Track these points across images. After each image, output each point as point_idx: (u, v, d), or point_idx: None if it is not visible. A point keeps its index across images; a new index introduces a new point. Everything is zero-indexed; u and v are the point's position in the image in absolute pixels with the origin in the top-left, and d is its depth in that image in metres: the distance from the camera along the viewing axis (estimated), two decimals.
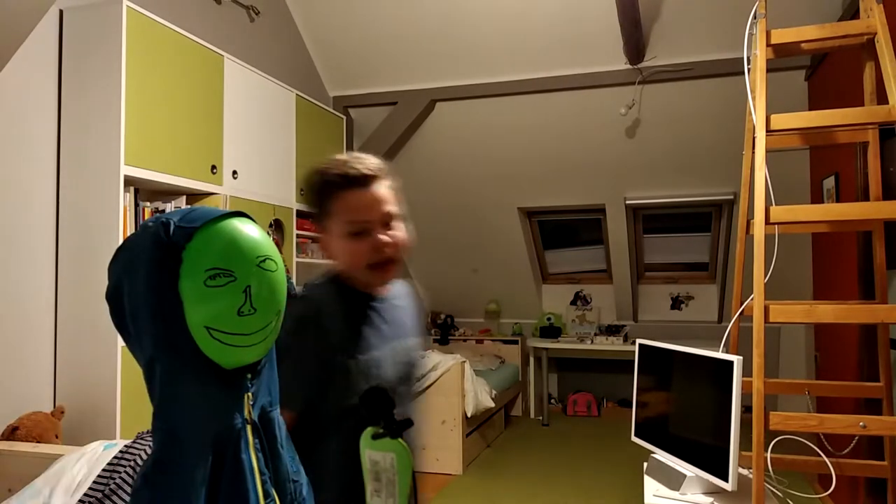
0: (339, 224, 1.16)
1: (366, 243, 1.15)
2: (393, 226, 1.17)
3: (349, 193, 1.15)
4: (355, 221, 1.15)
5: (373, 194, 1.15)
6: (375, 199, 1.15)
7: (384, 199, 1.16)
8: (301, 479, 1.17)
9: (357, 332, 1.21)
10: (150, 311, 0.97)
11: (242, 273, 0.98)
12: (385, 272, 1.19)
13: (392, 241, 1.16)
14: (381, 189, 1.16)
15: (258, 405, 1.09)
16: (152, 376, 0.99)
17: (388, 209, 1.16)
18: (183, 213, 1.02)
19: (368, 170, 1.16)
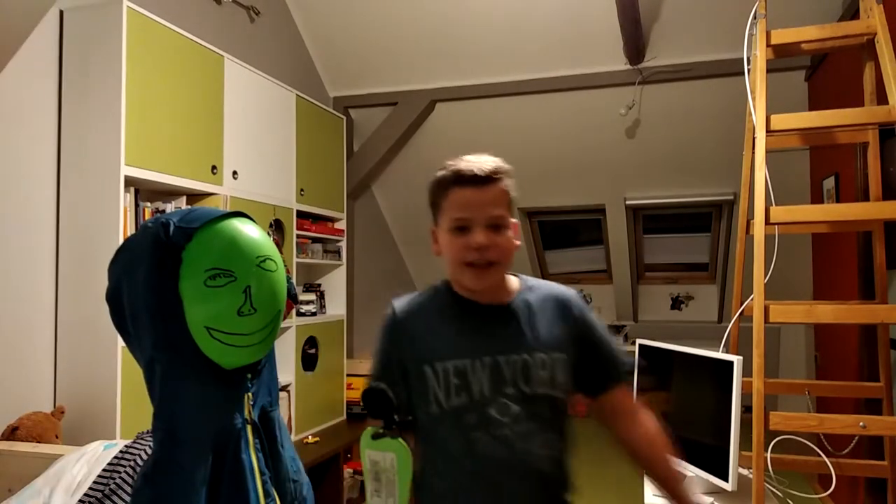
0: (445, 220, 1.20)
1: (462, 240, 1.16)
2: (496, 229, 1.16)
3: (458, 190, 1.17)
4: (457, 218, 1.17)
5: (480, 194, 1.16)
6: (482, 199, 1.16)
7: (491, 202, 1.16)
8: (301, 478, 1.17)
9: (443, 338, 1.20)
10: (150, 312, 0.97)
11: (242, 273, 0.98)
12: (480, 274, 1.16)
13: (487, 243, 1.14)
14: (490, 191, 1.17)
15: (258, 405, 1.09)
16: (152, 376, 0.99)
17: (493, 212, 1.16)
18: (183, 214, 1.02)
19: (481, 170, 1.17)
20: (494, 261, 1.15)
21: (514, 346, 1.18)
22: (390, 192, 5.34)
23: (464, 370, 1.16)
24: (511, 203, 1.19)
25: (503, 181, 1.19)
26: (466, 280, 1.18)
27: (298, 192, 3.48)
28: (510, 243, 1.18)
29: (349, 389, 4.04)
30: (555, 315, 1.23)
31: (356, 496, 3.76)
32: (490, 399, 1.15)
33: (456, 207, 1.17)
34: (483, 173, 1.17)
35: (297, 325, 3.44)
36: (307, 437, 3.51)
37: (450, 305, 1.23)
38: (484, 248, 1.14)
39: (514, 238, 1.19)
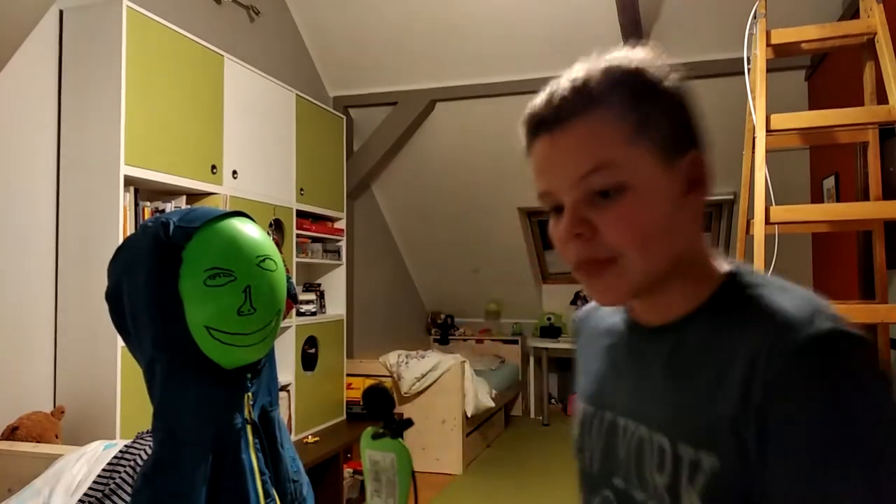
0: None
1: (557, 229, 0.68)
2: (604, 198, 0.64)
3: (533, 144, 0.71)
4: (539, 193, 0.71)
5: (559, 143, 0.66)
6: (561, 151, 0.66)
7: (577, 152, 0.65)
8: (301, 479, 1.17)
9: (588, 362, 0.84)
10: (149, 311, 0.97)
11: (242, 273, 0.98)
12: (593, 284, 0.67)
13: (576, 230, 0.65)
14: (573, 135, 0.65)
15: (258, 405, 1.09)
16: (152, 376, 0.99)
17: (582, 169, 0.64)
18: (183, 213, 1.02)
19: (552, 102, 0.68)
20: (606, 256, 0.65)
21: (640, 404, 0.70)
22: (390, 192, 5.34)
23: (585, 421, 0.80)
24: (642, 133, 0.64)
25: (602, 106, 0.65)
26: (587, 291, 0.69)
27: (298, 191, 3.48)
28: (643, 214, 0.63)
29: (349, 389, 4.04)
30: (733, 370, 0.59)
31: (356, 496, 3.76)
32: (598, 481, 0.75)
33: (535, 173, 0.71)
34: (554, 106, 0.68)
35: (297, 325, 3.44)
36: (307, 437, 3.51)
37: (617, 316, 0.80)
38: (580, 235, 0.65)
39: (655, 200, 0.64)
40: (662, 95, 0.67)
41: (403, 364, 4.51)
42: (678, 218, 0.66)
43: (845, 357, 0.55)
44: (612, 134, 0.64)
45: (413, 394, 4.46)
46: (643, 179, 0.64)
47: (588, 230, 0.65)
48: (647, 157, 0.64)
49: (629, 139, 0.64)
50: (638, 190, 0.64)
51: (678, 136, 0.67)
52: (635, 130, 0.64)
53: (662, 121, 0.66)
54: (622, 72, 0.68)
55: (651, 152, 0.64)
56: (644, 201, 0.64)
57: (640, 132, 0.64)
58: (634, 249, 0.64)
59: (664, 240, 0.65)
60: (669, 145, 0.66)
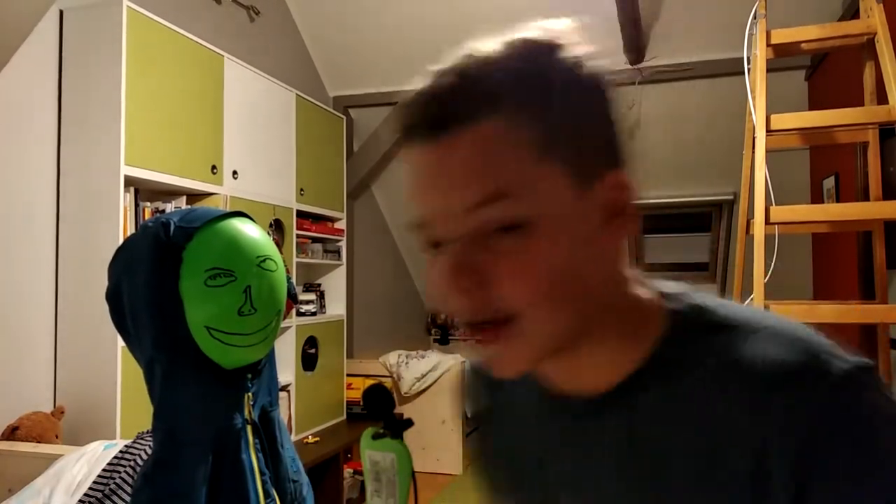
0: None
1: (434, 274, 0.51)
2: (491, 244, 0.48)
3: (408, 150, 0.54)
4: (413, 220, 0.54)
5: (441, 157, 0.50)
6: (442, 169, 0.50)
7: (465, 172, 0.48)
8: (301, 479, 1.17)
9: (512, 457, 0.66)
10: (150, 311, 0.97)
11: (242, 273, 0.98)
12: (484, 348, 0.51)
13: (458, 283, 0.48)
14: (466, 146, 0.48)
15: (258, 405, 1.09)
16: (152, 376, 0.99)
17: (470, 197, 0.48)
18: (183, 214, 1.02)
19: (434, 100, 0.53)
20: (500, 316, 0.49)
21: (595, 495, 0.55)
22: (390, 192, 5.34)
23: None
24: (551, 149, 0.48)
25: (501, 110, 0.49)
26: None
27: (298, 191, 3.48)
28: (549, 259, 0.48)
29: (349, 389, 4.04)
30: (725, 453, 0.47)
31: (356, 496, 3.76)
32: None
33: (409, 192, 0.55)
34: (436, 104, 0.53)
35: (297, 325, 3.44)
36: (307, 437, 3.51)
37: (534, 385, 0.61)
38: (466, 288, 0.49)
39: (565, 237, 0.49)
40: (580, 95, 0.51)
41: (403, 364, 4.51)
42: (594, 256, 0.50)
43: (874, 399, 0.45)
44: (514, 150, 0.47)
45: (413, 394, 4.46)
46: (549, 212, 0.47)
47: (476, 282, 0.48)
48: (556, 181, 0.48)
49: (534, 158, 0.47)
50: (542, 227, 0.47)
51: (597, 150, 0.50)
52: (543, 145, 0.48)
53: (578, 131, 0.49)
54: (533, 62, 0.52)
55: (561, 174, 0.48)
56: (550, 241, 0.47)
57: (549, 148, 0.48)
58: (539, 306, 0.48)
59: (576, 288, 0.49)
60: (585, 164, 0.49)
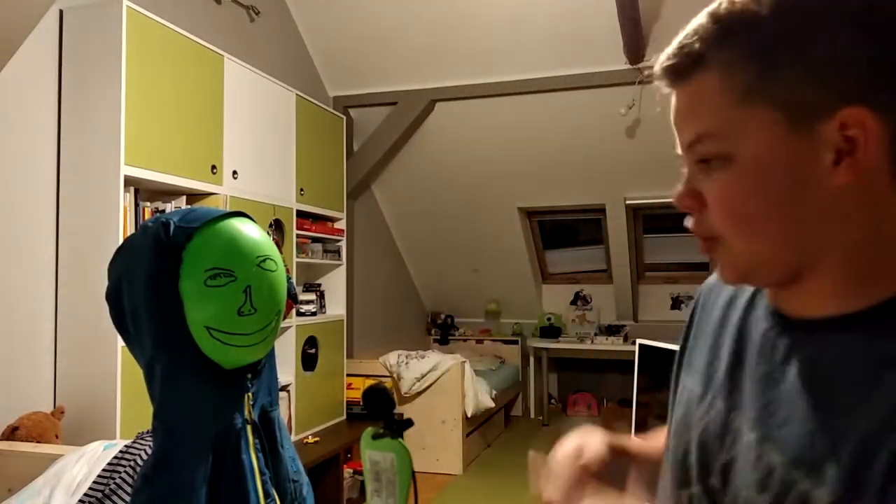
0: None
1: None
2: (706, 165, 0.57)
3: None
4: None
5: (676, 104, 0.60)
6: (676, 114, 0.61)
7: (684, 118, 0.59)
8: (301, 479, 1.17)
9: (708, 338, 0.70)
10: (149, 311, 0.97)
11: (242, 273, 0.98)
12: (714, 261, 0.61)
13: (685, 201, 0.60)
14: (687, 96, 0.58)
15: (258, 405, 1.09)
16: (152, 376, 0.99)
17: (686, 138, 0.59)
18: (183, 214, 1.02)
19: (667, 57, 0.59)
20: (711, 234, 0.59)
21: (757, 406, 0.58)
22: (390, 192, 5.34)
23: (690, 399, 0.69)
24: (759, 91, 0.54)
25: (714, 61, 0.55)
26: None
27: (298, 191, 3.48)
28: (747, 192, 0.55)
29: (349, 389, 4.04)
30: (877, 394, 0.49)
31: (356, 496, 3.76)
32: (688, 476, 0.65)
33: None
34: (672, 59, 0.59)
35: (297, 325, 3.44)
36: (307, 437, 3.51)
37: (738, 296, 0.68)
38: (689, 207, 0.60)
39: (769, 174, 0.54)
40: (814, 27, 0.52)
41: (403, 364, 4.51)
42: (812, 196, 0.53)
43: None
44: (718, 97, 0.55)
45: (413, 394, 4.46)
46: (755, 149, 0.54)
47: (696, 204, 0.59)
48: (767, 120, 0.53)
49: (741, 101, 0.54)
50: (745, 163, 0.54)
51: (826, 86, 0.52)
52: (751, 89, 0.54)
53: (800, 68, 0.52)
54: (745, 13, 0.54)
55: (773, 115, 0.53)
56: (750, 176, 0.54)
57: (759, 90, 0.53)
58: (730, 232, 0.57)
59: (783, 223, 0.54)
60: (806, 103, 0.52)
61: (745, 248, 0.57)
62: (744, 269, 0.59)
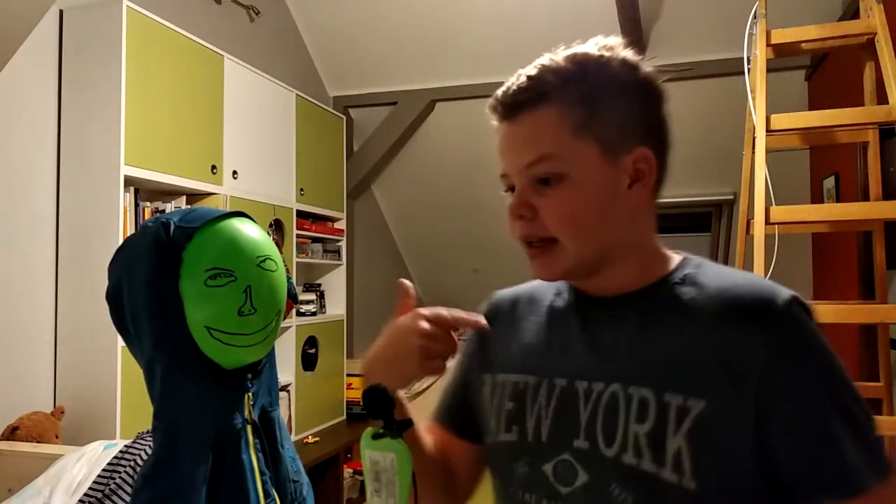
0: None
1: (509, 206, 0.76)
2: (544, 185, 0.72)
3: (498, 127, 0.79)
4: (501, 173, 0.78)
5: (512, 132, 0.75)
6: (513, 139, 0.75)
7: (524, 143, 0.73)
8: (301, 479, 1.17)
9: (519, 338, 0.84)
10: (150, 311, 0.97)
11: (243, 273, 0.98)
12: (531, 256, 0.76)
13: (521, 211, 0.74)
14: (527, 125, 0.73)
15: (258, 405, 1.09)
16: (152, 376, 0.99)
17: (527, 158, 0.72)
18: (183, 214, 1.02)
19: (509, 93, 0.76)
20: (545, 236, 0.73)
21: (609, 366, 0.72)
22: (390, 192, 5.34)
23: (522, 392, 0.78)
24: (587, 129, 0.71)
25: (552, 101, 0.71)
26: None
27: (298, 191, 3.48)
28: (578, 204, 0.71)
29: (349, 389, 4.04)
30: (720, 327, 0.67)
31: (356, 496, 3.76)
32: (547, 449, 0.74)
33: (499, 154, 0.79)
34: (510, 99, 0.75)
35: (297, 325, 3.44)
36: (307, 437, 3.51)
37: (557, 295, 0.84)
38: (522, 216, 0.74)
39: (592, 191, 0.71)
40: (618, 92, 0.73)
41: None
42: (619, 208, 0.73)
43: (811, 314, 0.68)
44: (558, 128, 0.71)
45: (413, 394, 4.46)
46: (582, 172, 0.71)
47: (530, 213, 0.73)
48: (590, 151, 0.71)
49: (573, 134, 0.71)
50: (575, 181, 0.71)
51: (626, 132, 0.72)
52: (580, 126, 0.71)
53: (611, 117, 0.72)
54: (581, 67, 0.74)
55: (594, 147, 0.71)
56: (580, 192, 0.71)
57: (586, 128, 0.71)
58: (566, 235, 0.72)
59: (600, 228, 0.73)
60: (614, 141, 0.71)
61: (575, 248, 0.72)
62: (570, 266, 0.74)
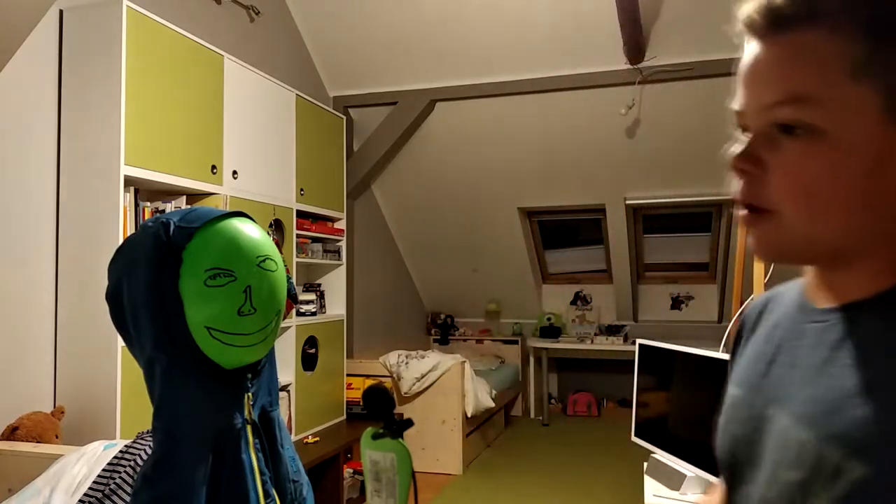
0: None
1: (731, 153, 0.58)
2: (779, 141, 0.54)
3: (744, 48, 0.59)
4: (734, 109, 0.59)
5: (763, 55, 0.55)
6: (761, 65, 0.55)
7: (775, 73, 0.54)
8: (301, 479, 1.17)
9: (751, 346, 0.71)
10: (150, 311, 0.97)
11: (242, 273, 0.98)
12: (746, 226, 0.58)
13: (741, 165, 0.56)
14: (785, 49, 0.53)
15: (258, 405, 1.09)
16: (152, 376, 0.99)
17: (773, 95, 0.54)
18: (183, 214, 1.02)
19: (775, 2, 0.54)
20: (764, 206, 0.56)
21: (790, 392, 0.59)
22: (390, 192, 5.34)
23: (730, 406, 0.69)
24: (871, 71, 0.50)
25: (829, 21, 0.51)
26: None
27: (298, 191, 3.48)
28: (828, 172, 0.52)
29: (349, 389, 4.04)
30: None
31: (356, 496, 3.76)
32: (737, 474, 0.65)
33: (737, 83, 0.59)
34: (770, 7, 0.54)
35: (297, 325, 3.44)
36: (307, 437, 3.51)
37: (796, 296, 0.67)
38: (743, 171, 0.57)
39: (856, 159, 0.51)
40: None
41: (403, 364, 4.51)
42: (882, 188, 0.52)
43: None
44: (828, 62, 0.51)
45: (413, 394, 4.46)
46: (848, 130, 0.51)
47: (755, 168, 0.55)
48: (867, 101, 0.50)
49: (849, 73, 0.50)
50: (834, 140, 0.51)
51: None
52: (862, 64, 0.50)
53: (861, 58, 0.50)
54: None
55: (874, 97, 0.50)
56: (836, 156, 0.51)
57: (868, 68, 0.50)
58: (794, 208, 0.53)
59: (852, 209, 0.52)
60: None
61: (801, 225, 0.54)
62: (790, 246, 0.56)
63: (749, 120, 0.56)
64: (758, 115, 0.55)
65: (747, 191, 0.56)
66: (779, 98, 0.53)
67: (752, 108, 0.56)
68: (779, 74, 0.53)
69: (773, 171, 0.54)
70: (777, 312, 0.69)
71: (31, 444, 2.05)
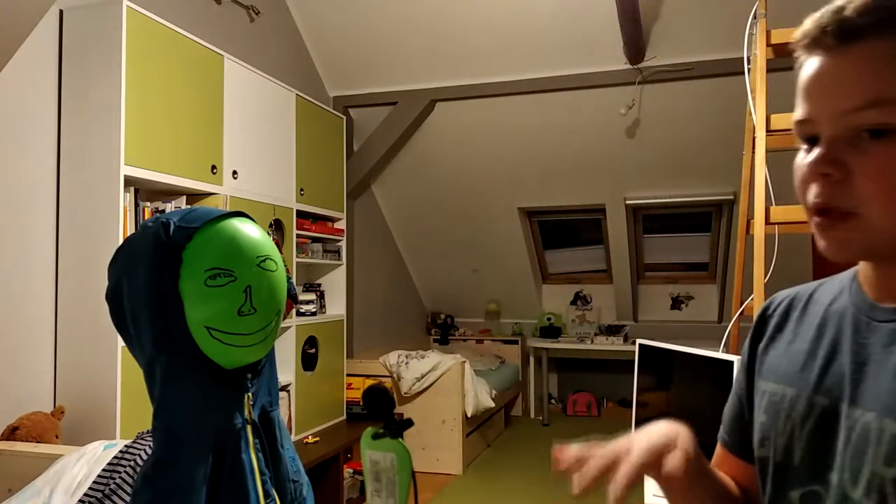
0: None
1: (803, 163, 0.61)
2: (863, 144, 0.56)
3: (806, 60, 0.61)
4: (796, 119, 0.61)
5: (836, 65, 0.57)
6: (836, 75, 0.57)
7: (854, 80, 0.56)
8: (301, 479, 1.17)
9: (787, 343, 0.72)
10: (150, 311, 0.97)
11: (242, 273, 0.98)
12: (822, 229, 0.60)
13: (822, 170, 0.58)
14: (862, 57, 0.56)
15: (258, 405, 1.09)
16: (152, 376, 0.99)
17: (854, 101, 0.56)
18: (183, 214, 1.02)
19: (845, 14, 0.57)
20: (847, 208, 0.57)
21: (868, 387, 0.60)
22: (390, 192, 5.34)
23: (777, 404, 0.68)
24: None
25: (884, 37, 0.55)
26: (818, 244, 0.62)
27: (298, 191, 3.48)
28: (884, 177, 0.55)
29: (349, 389, 4.04)
30: None
31: (356, 496, 3.76)
32: (797, 474, 0.65)
33: (799, 96, 0.61)
34: (842, 18, 0.57)
35: (297, 325, 3.44)
36: (307, 437, 3.51)
37: (838, 295, 0.71)
38: (828, 176, 0.58)
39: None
40: None
41: (403, 364, 4.51)
42: None
43: None
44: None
45: (413, 394, 4.46)
46: None
47: (839, 173, 0.57)
48: None
49: None
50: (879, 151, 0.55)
51: None
52: None
53: None
54: None
55: None
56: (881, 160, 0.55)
57: None
58: (883, 210, 0.55)
59: None
60: None
61: (888, 224, 0.56)
62: (872, 245, 0.58)
63: (822, 128, 0.58)
64: (835, 121, 0.57)
65: (829, 194, 0.58)
66: (859, 104, 0.55)
67: (828, 115, 0.58)
68: (857, 81, 0.56)
69: (857, 173, 0.56)
70: (815, 311, 0.71)
71: (31, 445, 2.05)
